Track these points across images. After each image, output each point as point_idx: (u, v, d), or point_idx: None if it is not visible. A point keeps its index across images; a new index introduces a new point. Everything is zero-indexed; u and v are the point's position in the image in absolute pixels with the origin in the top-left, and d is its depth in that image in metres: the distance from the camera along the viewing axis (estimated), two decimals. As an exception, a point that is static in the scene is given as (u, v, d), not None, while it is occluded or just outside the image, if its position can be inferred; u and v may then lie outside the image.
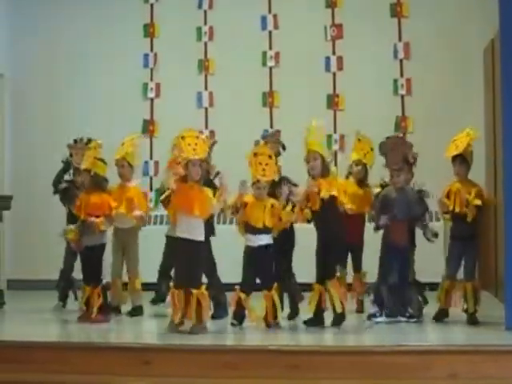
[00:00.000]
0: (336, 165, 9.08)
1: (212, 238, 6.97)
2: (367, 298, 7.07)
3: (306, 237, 6.61)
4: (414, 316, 6.54)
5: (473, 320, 6.49)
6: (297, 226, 6.81)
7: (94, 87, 10.07)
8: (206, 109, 9.93)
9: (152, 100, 10.07)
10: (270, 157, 6.49)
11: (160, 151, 9.27)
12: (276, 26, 9.82)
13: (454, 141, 6.72)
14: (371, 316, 6.62)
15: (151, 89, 10.05)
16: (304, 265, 6.53)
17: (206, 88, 9.94)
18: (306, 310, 6.52)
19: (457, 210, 6.56)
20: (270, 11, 9.85)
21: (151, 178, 9.83)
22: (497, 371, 5.13)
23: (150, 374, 5.44)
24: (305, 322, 6.42)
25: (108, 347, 5.70)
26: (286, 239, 6.71)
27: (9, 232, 9.65)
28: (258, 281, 6.56)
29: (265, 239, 6.46)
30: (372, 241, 6.87)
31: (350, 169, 7.33)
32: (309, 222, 6.48)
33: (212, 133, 9.46)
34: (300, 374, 5.32)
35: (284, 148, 7.24)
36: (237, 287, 6.46)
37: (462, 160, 6.63)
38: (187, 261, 6.16)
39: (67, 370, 5.52)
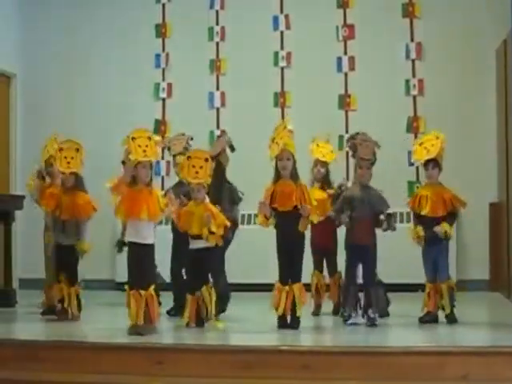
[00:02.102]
0: (348, 165, 9.10)
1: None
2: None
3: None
4: (376, 319, 6.45)
5: (451, 319, 6.44)
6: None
7: (106, 87, 10.11)
8: (218, 109, 9.94)
9: (164, 100, 10.09)
10: (206, 160, 6.39)
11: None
12: (288, 27, 9.83)
13: (421, 143, 6.64)
14: (346, 318, 6.56)
15: (163, 89, 10.08)
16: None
17: (217, 88, 9.96)
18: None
19: (429, 214, 6.50)
20: (281, 11, 9.85)
21: (163, 178, 9.84)
22: (510, 372, 5.11)
23: (163, 373, 5.43)
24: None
25: (120, 347, 5.70)
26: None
27: (21, 231, 9.69)
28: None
29: (202, 242, 6.39)
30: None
31: (311, 174, 7.25)
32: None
33: (223, 131, 9.43)
34: (311, 375, 5.29)
35: (232, 149, 7.16)
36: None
37: (436, 164, 6.56)
38: (136, 263, 6.15)
39: (80, 370, 5.52)
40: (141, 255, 6.17)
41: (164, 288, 7.61)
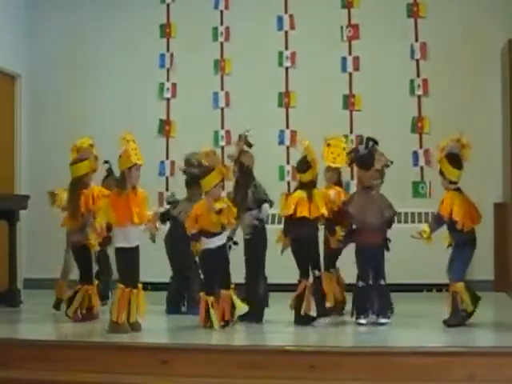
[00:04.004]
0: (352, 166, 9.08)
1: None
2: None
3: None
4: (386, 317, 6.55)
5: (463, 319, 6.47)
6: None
7: (111, 87, 10.10)
8: (222, 109, 9.93)
9: (168, 100, 10.08)
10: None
11: (176, 151, 9.30)
12: (292, 27, 9.80)
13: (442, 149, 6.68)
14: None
15: (167, 89, 10.07)
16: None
17: (222, 88, 9.94)
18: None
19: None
20: (286, 11, 9.83)
21: (167, 178, 9.84)
22: (516, 373, 5.11)
23: (168, 373, 5.45)
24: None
25: (126, 346, 5.71)
26: (256, 240, 6.74)
27: (26, 231, 9.69)
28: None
29: (222, 238, 6.54)
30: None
31: (324, 177, 7.28)
32: None
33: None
34: (317, 375, 5.30)
35: (250, 145, 7.15)
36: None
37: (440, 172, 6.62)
38: (127, 265, 6.33)
39: (85, 369, 5.53)
40: (130, 258, 6.31)
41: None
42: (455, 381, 5.15)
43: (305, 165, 6.67)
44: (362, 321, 6.51)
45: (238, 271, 6.72)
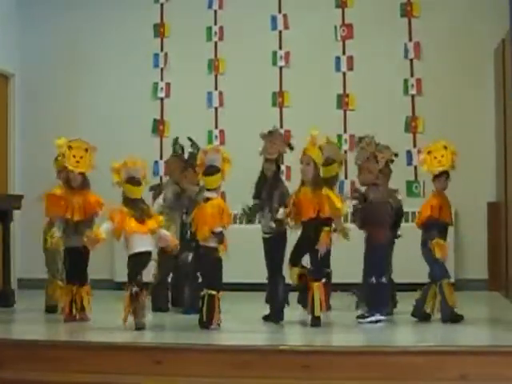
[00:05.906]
0: (346, 164, 9.10)
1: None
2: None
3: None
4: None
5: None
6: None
7: (105, 87, 10.10)
8: (216, 108, 9.93)
9: (162, 100, 10.08)
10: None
11: (170, 151, 9.27)
12: (286, 26, 9.81)
13: (429, 152, 6.65)
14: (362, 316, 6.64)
15: (161, 88, 10.06)
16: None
17: (215, 88, 9.94)
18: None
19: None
20: (280, 11, 9.84)
21: (161, 178, 9.83)
22: (509, 372, 5.11)
23: (162, 373, 5.45)
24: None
25: (119, 346, 5.70)
26: (276, 239, 6.71)
27: (19, 231, 9.68)
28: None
29: None
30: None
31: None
32: None
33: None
34: (310, 375, 5.30)
35: (292, 148, 7.11)
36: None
37: (448, 176, 6.65)
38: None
39: (79, 370, 5.53)
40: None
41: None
42: (448, 380, 5.15)
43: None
44: (381, 317, 6.54)
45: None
